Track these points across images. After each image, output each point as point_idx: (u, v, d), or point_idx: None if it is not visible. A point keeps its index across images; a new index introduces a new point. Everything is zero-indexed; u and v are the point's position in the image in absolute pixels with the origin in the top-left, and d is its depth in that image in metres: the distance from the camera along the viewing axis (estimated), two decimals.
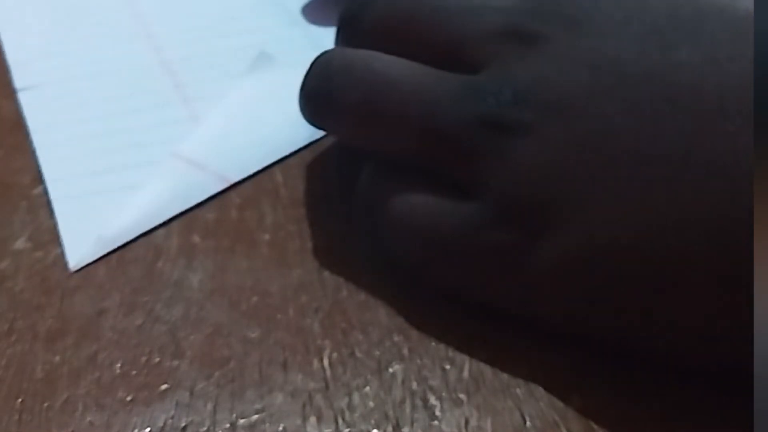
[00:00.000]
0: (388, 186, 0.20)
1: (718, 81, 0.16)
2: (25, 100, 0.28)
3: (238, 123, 0.26)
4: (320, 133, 0.25)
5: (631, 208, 0.16)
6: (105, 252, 0.22)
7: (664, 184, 0.16)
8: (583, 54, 0.17)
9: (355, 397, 0.18)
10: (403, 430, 0.17)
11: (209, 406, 0.18)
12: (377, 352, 0.19)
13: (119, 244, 0.22)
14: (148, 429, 0.17)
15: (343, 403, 0.18)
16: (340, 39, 0.22)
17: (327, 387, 0.18)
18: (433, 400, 0.18)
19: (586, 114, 0.17)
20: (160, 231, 0.22)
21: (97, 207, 0.23)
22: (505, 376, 0.18)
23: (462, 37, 0.19)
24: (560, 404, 0.17)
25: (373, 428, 0.17)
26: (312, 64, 0.21)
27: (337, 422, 0.17)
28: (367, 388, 0.18)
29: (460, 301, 0.19)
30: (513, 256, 0.18)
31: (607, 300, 0.17)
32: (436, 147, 0.19)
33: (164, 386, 0.18)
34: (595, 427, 0.17)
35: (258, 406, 0.18)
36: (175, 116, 0.27)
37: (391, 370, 0.18)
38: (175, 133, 0.26)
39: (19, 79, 0.29)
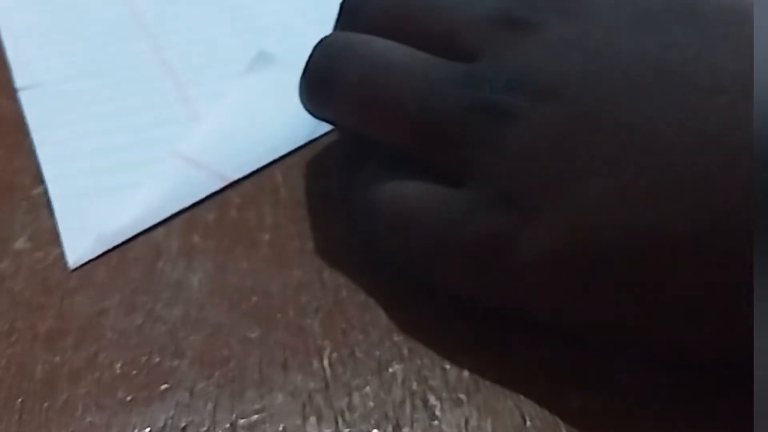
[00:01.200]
0: (383, 178, 0.20)
1: (712, 59, 0.16)
2: (25, 99, 0.28)
3: (237, 122, 0.26)
4: (319, 132, 0.25)
5: (622, 187, 0.16)
6: (104, 250, 0.22)
7: (656, 159, 0.16)
8: (576, 38, 0.18)
9: (355, 397, 0.18)
10: (403, 430, 0.17)
11: (209, 406, 0.18)
12: (377, 352, 0.19)
13: (119, 242, 0.22)
14: (148, 429, 0.17)
15: (343, 403, 0.18)
16: (340, 25, 0.22)
17: (327, 387, 0.18)
18: (433, 400, 0.18)
19: (579, 97, 0.17)
20: (160, 231, 0.22)
21: (97, 205, 0.23)
22: (505, 376, 0.18)
23: (457, 26, 0.19)
24: (560, 404, 0.17)
25: (373, 428, 0.17)
26: (315, 46, 0.21)
27: (337, 422, 0.17)
28: (367, 388, 0.18)
29: (453, 297, 0.19)
30: (501, 244, 0.17)
31: (599, 285, 0.17)
32: (430, 132, 0.19)
33: (164, 386, 0.18)
34: (595, 427, 0.17)
35: (258, 406, 0.18)
36: (174, 115, 0.27)
37: (391, 370, 0.18)
38: (175, 132, 0.26)
39: (19, 79, 0.29)
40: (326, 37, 0.21)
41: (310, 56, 0.21)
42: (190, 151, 0.25)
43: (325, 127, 0.25)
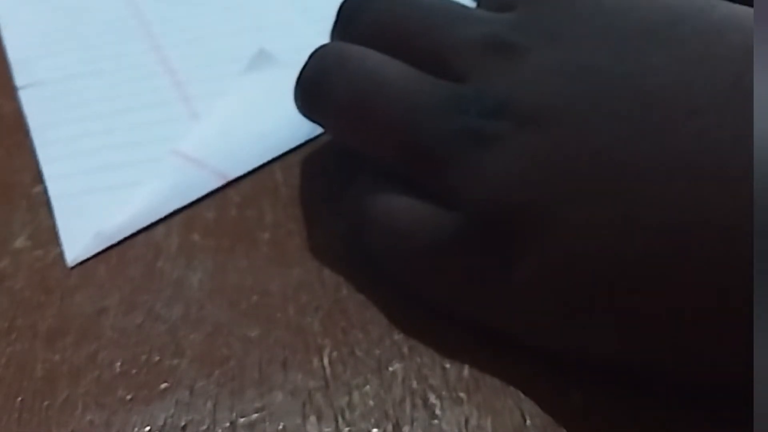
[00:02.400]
0: (376, 191, 0.20)
1: (689, 81, 0.16)
2: (25, 98, 0.28)
3: (237, 120, 0.26)
4: (319, 131, 0.25)
5: (601, 215, 0.16)
6: (103, 248, 0.22)
7: (632, 185, 0.16)
8: (561, 64, 0.18)
9: (355, 395, 0.18)
10: (403, 429, 0.17)
11: (209, 405, 0.18)
12: (377, 351, 0.19)
13: (117, 240, 0.22)
14: (148, 428, 0.17)
15: (343, 401, 0.18)
16: (335, 33, 0.22)
17: (327, 386, 0.18)
18: (433, 399, 0.18)
19: (562, 122, 0.17)
20: (160, 230, 0.22)
21: (96, 204, 0.23)
22: (505, 375, 0.18)
23: (447, 46, 0.20)
24: (560, 404, 0.17)
25: (373, 427, 0.17)
26: (309, 57, 0.22)
27: (337, 421, 0.17)
28: (367, 387, 0.18)
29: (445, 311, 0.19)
30: (488, 270, 0.18)
31: (585, 312, 0.17)
32: (417, 155, 0.19)
33: (164, 385, 0.18)
34: (596, 427, 0.17)
35: (258, 404, 0.18)
36: (174, 114, 0.27)
37: (391, 368, 0.18)
38: (175, 130, 0.26)
39: (19, 77, 0.29)
40: (320, 48, 0.22)
41: (304, 66, 0.22)
42: (189, 149, 0.25)
43: None
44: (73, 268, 0.21)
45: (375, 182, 0.20)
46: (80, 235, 0.22)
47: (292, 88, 0.22)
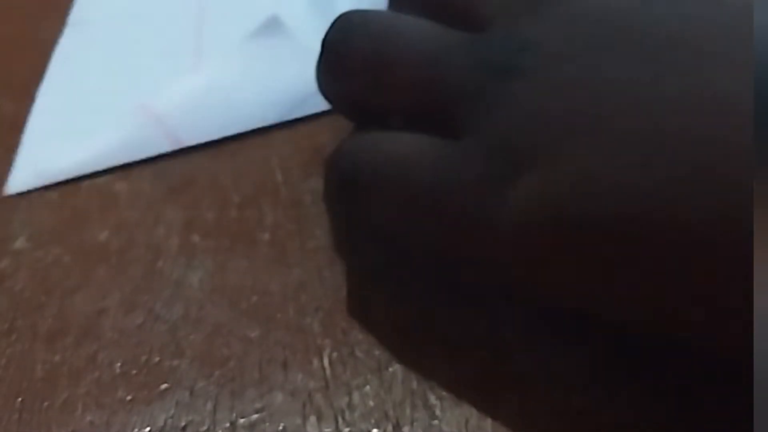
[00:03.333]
0: (372, 137, 0.20)
1: (718, 27, 0.16)
2: (67, 33, 0.28)
3: (215, 86, 0.26)
4: (293, 115, 0.25)
5: (607, 159, 0.16)
6: (41, 185, 0.23)
7: (649, 133, 0.16)
8: (589, 9, 0.18)
9: (355, 396, 0.18)
10: (403, 429, 0.17)
11: (209, 406, 0.18)
12: (377, 352, 0.19)
13: (58, 180, 0.23)
14: (148, 428, 0.17)
15: (343, 402, 0.18)
16: (392, 5, 0.23)
17: (327, 386, 0.18)
18: (433, 399, 0.18)
19: (586, 64, 0.17)
20: (160, 230, 0.22)
21: (53, 144, 0.24)
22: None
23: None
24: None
25: (373, 427, 0.17)
26: (334, 21, 0.22)
27: (337, 421, 0.17)
28: (367, 388, 0.18)
29: (425, 254, 0.19)
30: (480, 200, 0.17)
31: (569, 256, 0.16)
32: (434, 88, 0.19)
33: (164, 386, 0.18)
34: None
35: (258, 405, 0.18)
36: (180, 67, 0.26)
37: (391, 369, 0.18)
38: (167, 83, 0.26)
39: (74, 13, 0.29)
40: (343, 14, 0.22)
41: (328, 30, 0.22)
42: (156, 105, 0.25)
43: (299, 111, 0.24)
44: (8, 195, 0.22)
45: (370, 133, 0.20)
46: (27, 169, 0.22)
47: (288, 60, 0.22)
